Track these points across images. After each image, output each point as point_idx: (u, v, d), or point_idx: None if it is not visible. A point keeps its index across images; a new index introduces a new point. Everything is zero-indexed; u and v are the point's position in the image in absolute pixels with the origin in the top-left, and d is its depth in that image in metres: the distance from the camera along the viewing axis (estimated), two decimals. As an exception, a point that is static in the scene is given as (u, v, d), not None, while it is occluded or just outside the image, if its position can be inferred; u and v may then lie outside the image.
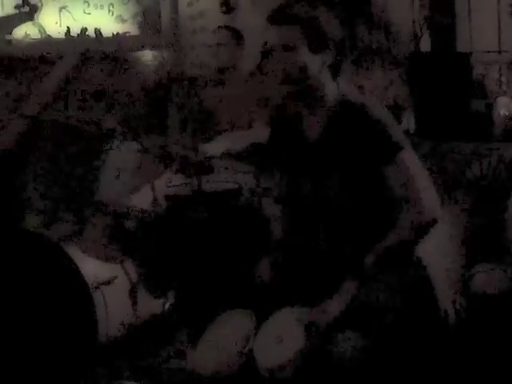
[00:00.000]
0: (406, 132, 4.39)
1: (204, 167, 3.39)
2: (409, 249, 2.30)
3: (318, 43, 2.25)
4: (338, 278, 2.24)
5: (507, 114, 4.18)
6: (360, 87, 4.59)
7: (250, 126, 4.04)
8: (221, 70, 4.26)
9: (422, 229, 2.26)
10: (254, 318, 2.27)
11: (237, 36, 4.30)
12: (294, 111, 2.39)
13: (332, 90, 2.32)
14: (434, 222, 2.26)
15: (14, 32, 4.33)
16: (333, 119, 2.30)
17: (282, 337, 2.19)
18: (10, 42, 4.30)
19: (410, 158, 2.26)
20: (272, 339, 2.20)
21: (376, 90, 4.65)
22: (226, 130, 4.00)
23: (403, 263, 2.30)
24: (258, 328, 2.25)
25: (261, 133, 3.42)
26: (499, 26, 4.39)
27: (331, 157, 2.27)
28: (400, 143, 2.24)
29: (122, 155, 3.37)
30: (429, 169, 2.36)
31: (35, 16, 4.23)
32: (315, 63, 2.26)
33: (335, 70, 2.32)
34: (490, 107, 4.24)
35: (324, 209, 2.31)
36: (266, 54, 2.29)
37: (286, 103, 2.40)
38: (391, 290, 2.24)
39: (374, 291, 2.23)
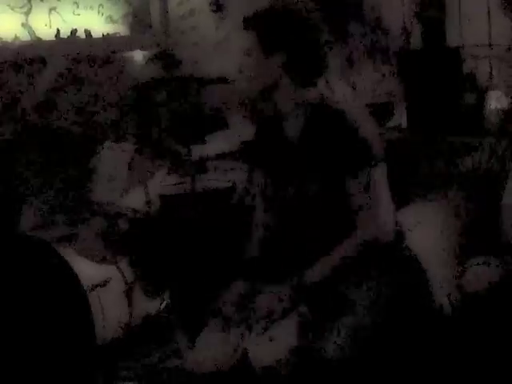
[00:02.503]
0: (398, 127, 4.41)
1: (197, 167, 3.39)
2: (355, 266, 2.27)
3: (270, 46, 2.27)
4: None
5: (498, 107, 4.20)
6: (352, 84, 4.61)
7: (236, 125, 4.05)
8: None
9: (372, 248, 2.25)
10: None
11: (169, 62, 4.26)
12: (274, 111, 2.39)
13: (311, 93, 2.33)
14: (388, 243, 2.26)
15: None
16: (310, 122, 2.30)
17: (276, 335, 2.20)
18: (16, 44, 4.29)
19: (380, 175, 2.25)
20: (266, 337, 2.21)
21: (367, 86, 4.66)
22: (215, 129, 4.01)
23: (397, 259, 2.31)
24: (252, 327, 2.25)
25: (248, 130, 3.42)
26: (489, 20, 4.39)
27: (309, 158, 2.28)
28: (377, 158, 2.24)
29: (115, 155, 3.36)
30: (420, 164, 2.37)
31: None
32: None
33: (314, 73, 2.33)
34: (481, 101, 4.25)
35: (304, 209, 2.32)
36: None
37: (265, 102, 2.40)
38: (386, 284, 2.25)
39: (369, 285, 2.23)
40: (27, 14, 4.48)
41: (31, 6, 4.48)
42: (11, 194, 3.72)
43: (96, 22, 4.77)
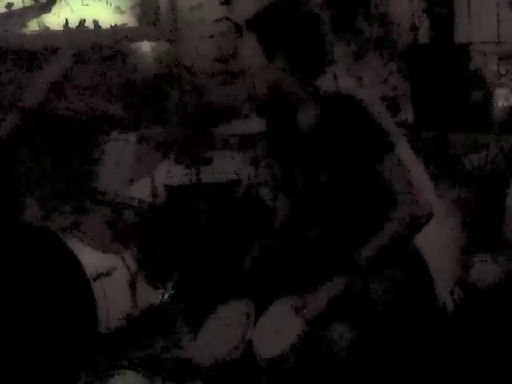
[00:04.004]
0: (405, 122, 4.40)
1: (203, 158, 3.39)
2: (404, 242, 2.28)
3: (271, 49, 2.27)
4: (331, 268, 2.25)
5: (506, 105, 4.19)
6: (359, 79, 4.60)
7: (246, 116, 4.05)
8: (221, 60, 4.26)
9: (419, 222, 2.25)
10: (252, 309, 2.28)
11: (237, 27, 4.30)
12: (288, 101, 2.39)
13: (324, 81, 2.32)
14: (431, 215, 2.26)
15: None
16: (325, 111, 2.30)
17: (280, 327, 2.20)
18: (25, 34, 4.29)
19: (404, 152, 2.25)
20: (270, 330, 2.21)
21: (375, 82, 4.65)
22: (224, 120, 4.01)
23: (402, 254, 2.30)
24: (256, 319, 2.26)
25: (257, 123, 3.42)
26: (498, 17, 4.39)
27: (324, 148, 2.28)
28: (394, 138, 2.24)
29: (121, 146, 3.37)
30: (425, 160, 2.36)
31: (52, 8, 4.23)
32: None
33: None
34: (488, 98, 4.25)
35: (318, 199, 2.32)
36: None
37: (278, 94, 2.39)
38: (390, 281, 2.25)
39: (372, 282, 2.23)
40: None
41: (42, -5, 4.49)
42: (13, 184, 3.73)
43: (104, 13, 4.77)
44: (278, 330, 2.20)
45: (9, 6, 4.15)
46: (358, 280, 2.22)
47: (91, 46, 4.55)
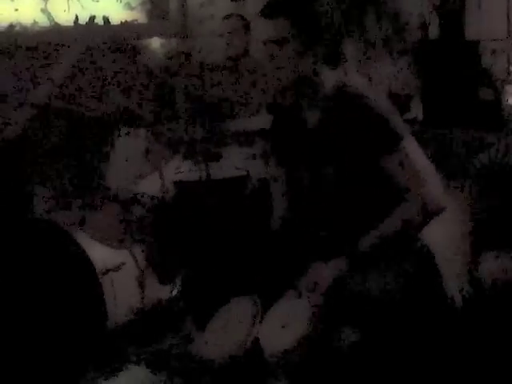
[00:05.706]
0: (414, 120, 4.40)
1: (212, 154, 3.40)
2: (407, 237, 2.28)
3: (309, 36, 2.26)
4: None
5: (516, 102, 4.18)
6: (368, 76, 4.60)
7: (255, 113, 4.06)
8: (233, 58, 4.27)
9: (427, 217, 2.25)
10: (259, 305, 2.29)
11: (245, 24, 4.31)
12: (293, 99, 2.39)
13: (330, 79, 2.32)
14: (440, 210, 2.26)
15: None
16: (331, 108, 2.30)
17: (287, 323, 2.21)
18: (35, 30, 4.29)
19: (411, 147, 2.26)
20: (278, 325, 2.22)
21: (384, 79, 4.65)
22: (232, 117, 4.02)
23: (410, 251, 2.31)
24: (263, 314, 2.26)
25: (266, 119, 3.42)
26: (508, 14, 4.38)
27: (329, 145, 2.28)
28: (400, 133, 2.24)
29: (130, 141, 3.38)
30: (433, 156, 2.36)
31: None
32: (306, 57, 2.27)
33: (333, 60, 2.32)
34: (498, 96, 4.24)
35: (321, 196, 2.32)
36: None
37: (285, 91, 2.39)
38: (399, 277, 2.25)
39: (381, 278, 2.23)
40: (46, -1, 4.50)
41: (52, -10, 4.50)
42: (23, 179, 3.74)
43: (114, 9, 4.78)
44: (284, 326, 2.20)
45: None
46: (357, 272, 2.23)
47: (101, 43, 4.56)
